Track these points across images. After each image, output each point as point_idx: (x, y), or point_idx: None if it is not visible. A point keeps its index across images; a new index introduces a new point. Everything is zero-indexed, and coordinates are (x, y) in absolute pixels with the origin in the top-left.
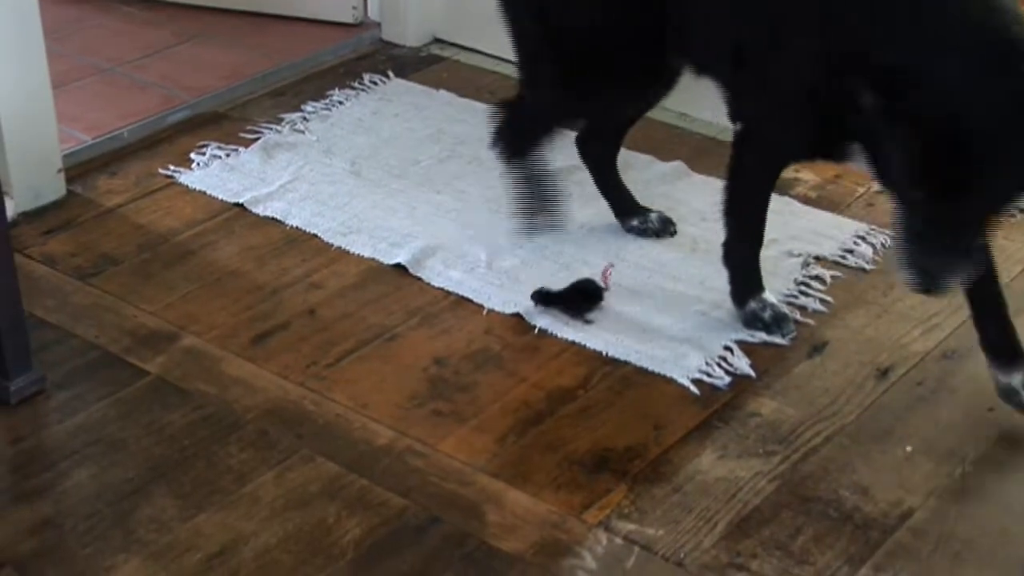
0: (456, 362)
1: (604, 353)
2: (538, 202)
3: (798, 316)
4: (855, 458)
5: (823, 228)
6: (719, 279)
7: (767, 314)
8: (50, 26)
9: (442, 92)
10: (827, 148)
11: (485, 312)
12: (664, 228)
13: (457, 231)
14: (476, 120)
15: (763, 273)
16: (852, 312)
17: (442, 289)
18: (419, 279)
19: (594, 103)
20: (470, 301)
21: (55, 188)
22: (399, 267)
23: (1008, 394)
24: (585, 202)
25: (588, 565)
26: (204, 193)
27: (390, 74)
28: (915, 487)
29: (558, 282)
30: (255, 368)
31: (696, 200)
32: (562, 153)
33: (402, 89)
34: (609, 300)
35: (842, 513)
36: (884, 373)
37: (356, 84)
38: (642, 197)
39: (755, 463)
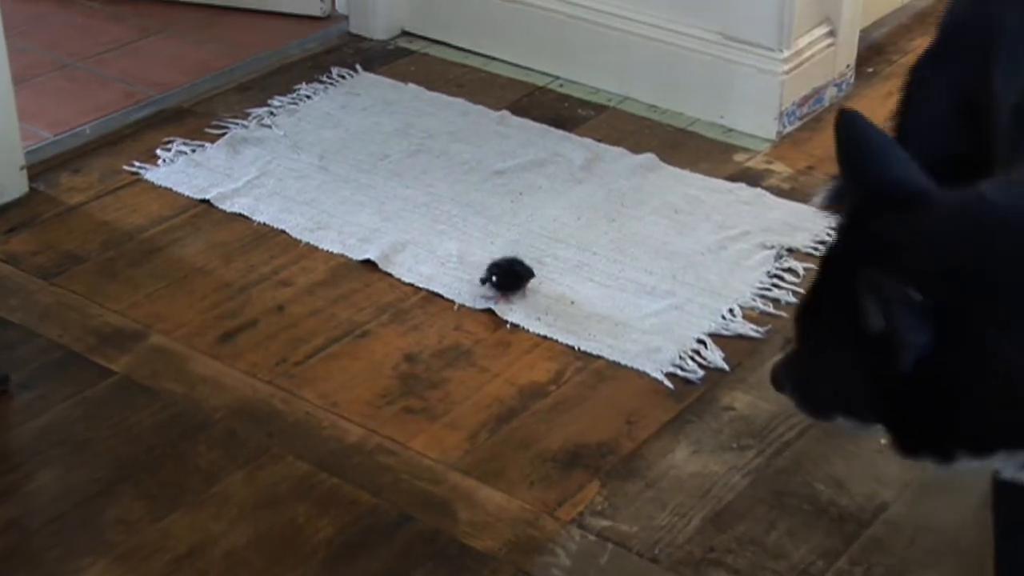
0: (427, 359)
1: (576, 348)
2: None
3: (771, 309)
4: (829, 451)
5: (796, 220)
6: (691, 272)
7: None
8: (10, 21)
9: (411, 86)
10: None
11: (456, 308)
12: None
13: (427, 226)
14: (445, 114)
15: (734, 265)
16: None
17: (412, 285)
18: (389, 275)
19: None
20: (441, 297)
21: (17, 186)
22: (368, 263)
23: None
24: (556, 195)
25: (562, 563)
26: (170, 190)
27: (358, 68)
28: (890, 480)
29: (535, 280)
30: (223, 366)
31: (668, 192)
32: (533, 147)
33: (370, 83)
34: (581, 294)
35: (817, 507)
36: None
37: (324, 78)
38: (612, 191)
39: (729, 457)
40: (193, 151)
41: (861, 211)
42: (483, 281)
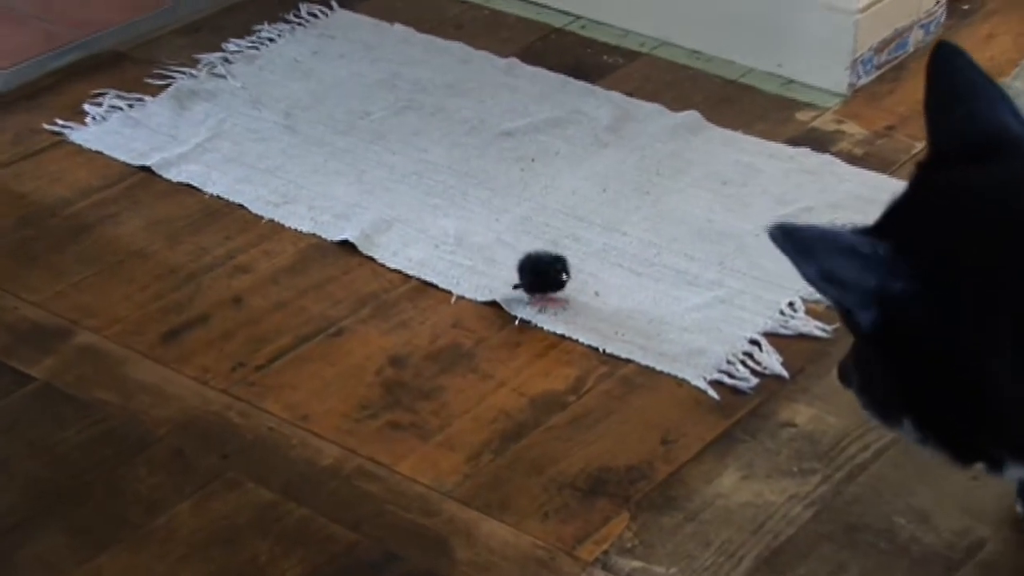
0: (417, 362)
1: (601, 350)
2: None
3: None
4: (912, 477)
5: (872, 193)
6: (742, 258)
7: None
8: None
9: (397, 27)
10: None
11: (453, 300)
12: None
13: (417, 200)
14: (440, 61)
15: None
16: None
17: (399, 272)
18: (371, 259)
19: None
20: (434, 287)
21: None
22: (346, 245)
23: None
24: (576, 162)
25: None
26: (101, 154)
27: (333, 4)
28: (986, 513)
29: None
30: (167, 371)
31: (714, 159)
32: (548, 102)
33: (348, 23)
34: (607, 284)
35: (896, 545)
36: None
37: (290, 16)
38: (646, 157)
39: (789, 484)
40: (130, 106)
41: (929, 166)
42: (523, 288)
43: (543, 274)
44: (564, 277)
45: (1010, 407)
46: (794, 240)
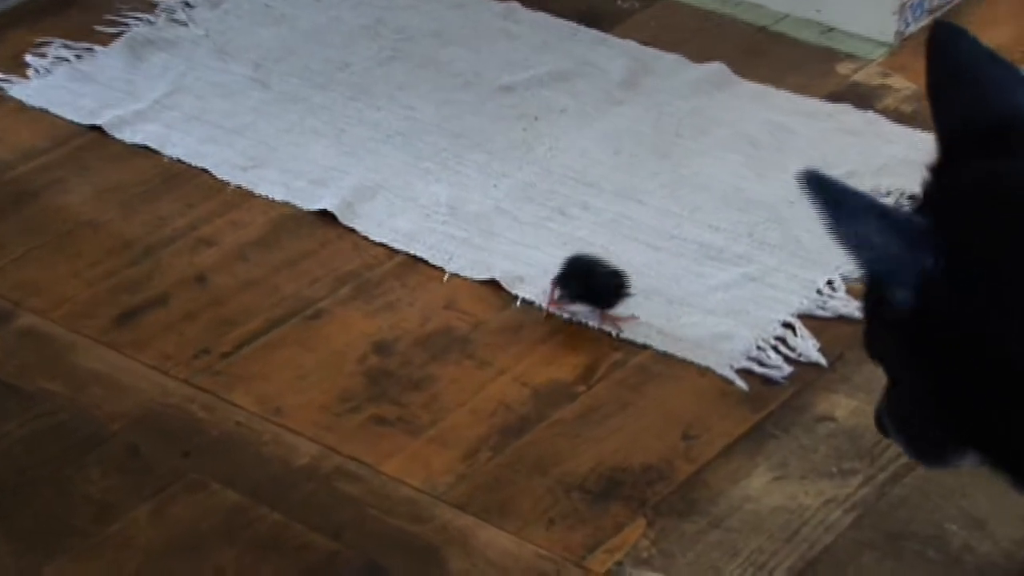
0: (405, 349)
1: (613, 334)
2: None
3: None
4: (965, 479)
5: (922, 156)
6: (775, 230)
7: None
8: None
9: None
10: None
11: (446, 278)
12: None
13: (405, 163)
14: (429, 6)
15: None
16: None
17: (385, 245)
18: (352, 232)
19: None
20: (424, 262)
21: None
22: (324, 215)
23: None
24: (586, 121)
25: None
26: (46, 112)
27: None
28: None
29: (548, 234)
30: (122, 359)
31: (743, 118)
32: (553, 52)
33: None
34: (620, 259)
35: (948, 554)
36: None
37: None
38: (665, 115)
39: (826, 486)
40: (78, 57)
41: (942, 162)
42: (562, 297)
43: (603, 287)
44: (623, 294)
45: None
46: (826, 191)
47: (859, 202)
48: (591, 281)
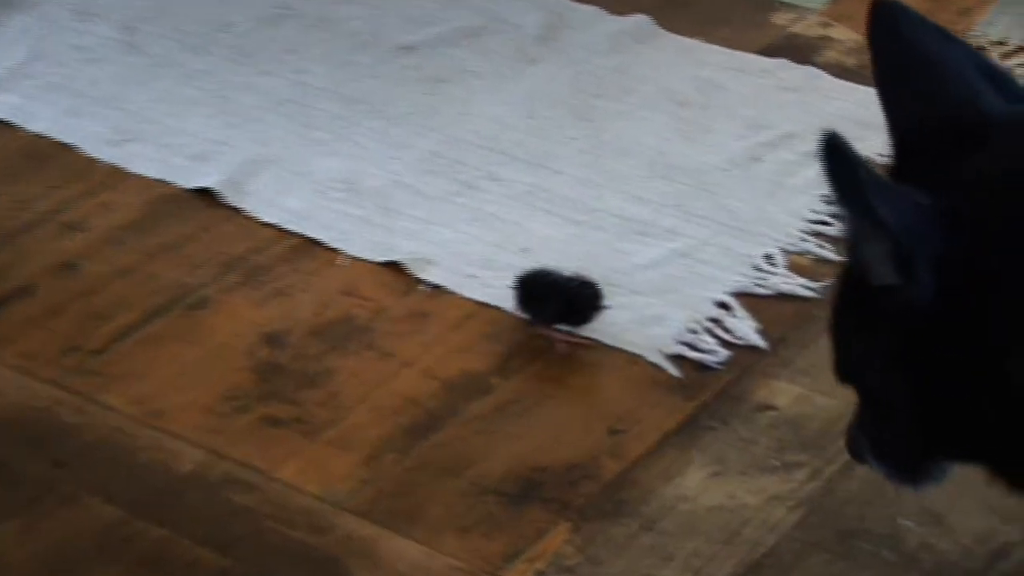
0: (300, 340)
1: (531, 319)
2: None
3: (830, 253)
4: None
5: (868, 113)
6: (706, 200)
7: None
8: None
9: None
10: None
11: (345, 261)
12: None
13: (296, 134)
14: None
15: (774, 186)
16: None
17: (274, 226)
18: (238, 212)
19: None
20: (319, 244)
21: None
22: (206, 194)
23: None
24: (496, 83)
25: None
26: None
27: None
28: (1011, 512)
29: (455, 209)
30: None
31: (669, 75)
32: (460, 7)
33: None
34: (536, 235)
35: (903, 554)
36: None
37: None
38: (583, 73)
39: (769, 482)
40: None
41: (901, 158)
42: (542, 322)
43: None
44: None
45: None
46: (846, 158)
47: (878, 175)
48: (570, 297)
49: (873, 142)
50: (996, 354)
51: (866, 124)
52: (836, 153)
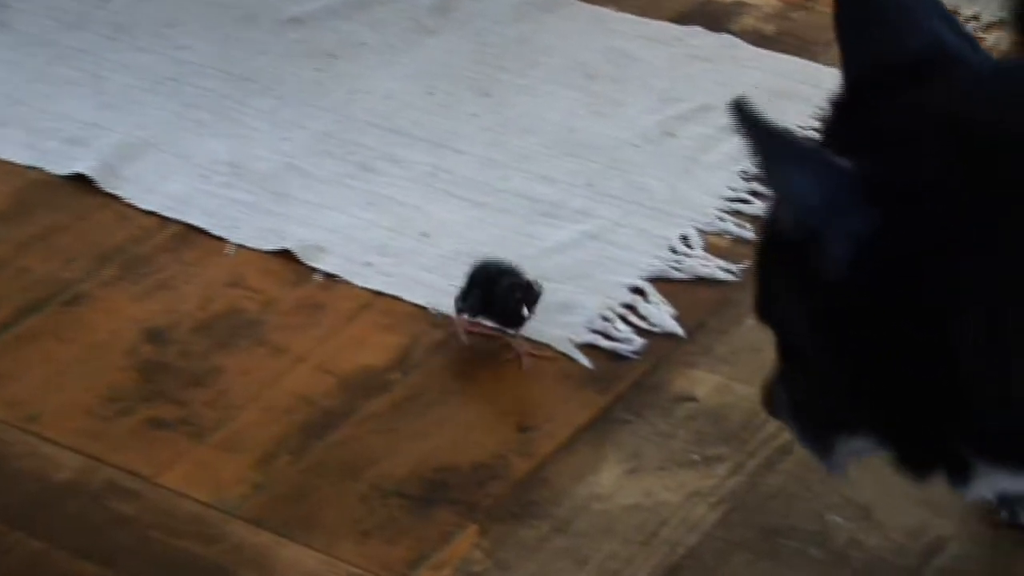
0: (185, 336)
1: (432, 309)
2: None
3: (749, 233)
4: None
5: (787, 83)
6: (617, 178)
7: None
8: None
9: None
10: None
11: (231, 251)
12: None
13: (177, 115)
14: None
15: (689, 163)
16: None
17: (155, 214)
18: (115, 199)
19: None
20: (204, 233)
21: None
22: (80, 180)
23: None
24: (391, 57)
25: None
26: None
27: None
28: (944, 506)
29: (350, 193)
30: None
31: (577, 45)
32: None
33: None
34: (437, 219)
35: (832, 552)
36: None
37: None
38: (485, 45)
39: (688, 477)
40: None
41: (850, 99)
42: (466, 312)
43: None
44: (524, 312)
45: (982, 382)
46: (756, 127)
47: (792, 142)
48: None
49: (792, 113)
50: (931, 320)
51: (785, 94)
52: (745, 120)
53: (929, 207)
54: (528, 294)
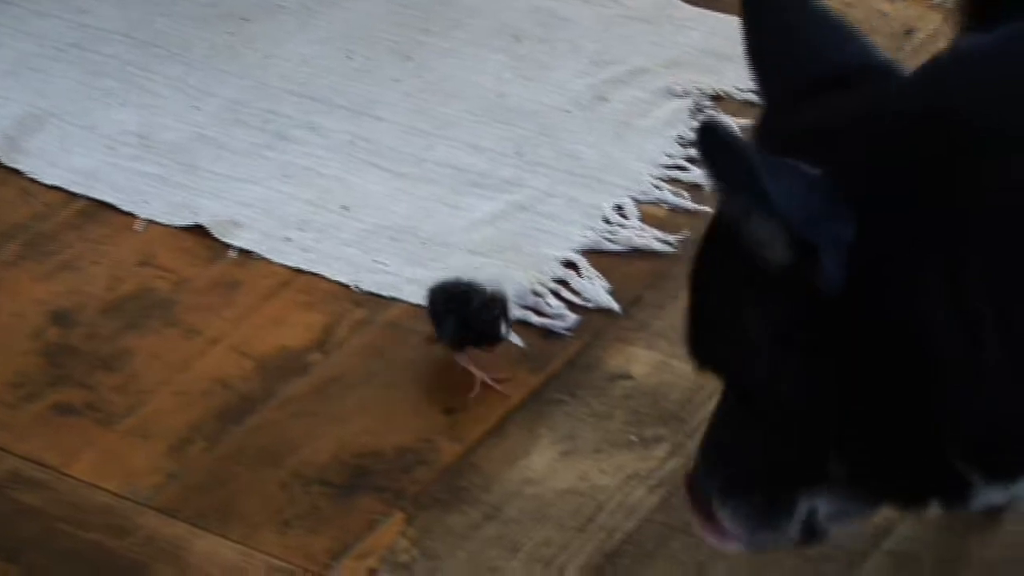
0: (92, 318)
1: (354, 286)
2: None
3: (687, 201)
4: None
5: (726, 45)
6: (548, 145)
7: None
8: None
9: None
10: None
11: (141, 227)
12: None
13: (81, 83)
14: None
15: (622, 128)
16: None
17: (60, 189)
18: (16, 173)
19: None
20: (112, 208)
21: None
22: None
23: None
24: (306, 19)
25: None
26: None
27: None
28: None
29: (265, 164)
30: None
31: (504, 6)
32: None
33: None
34: (358, 191)
35: None
36: None
37: None
38: (406, 6)
39: (626, 460)
40: None
41: (777, 111)
42: (447, 341)
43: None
44: (503, 330)
45: (982, 394)
46: (731, 146)
47: (768, 158)
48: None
49: (730, 74)
50: (916, 328)
51: (722, 55)
52: (717, 140)
53: (904, 211)
54: (502, 306)
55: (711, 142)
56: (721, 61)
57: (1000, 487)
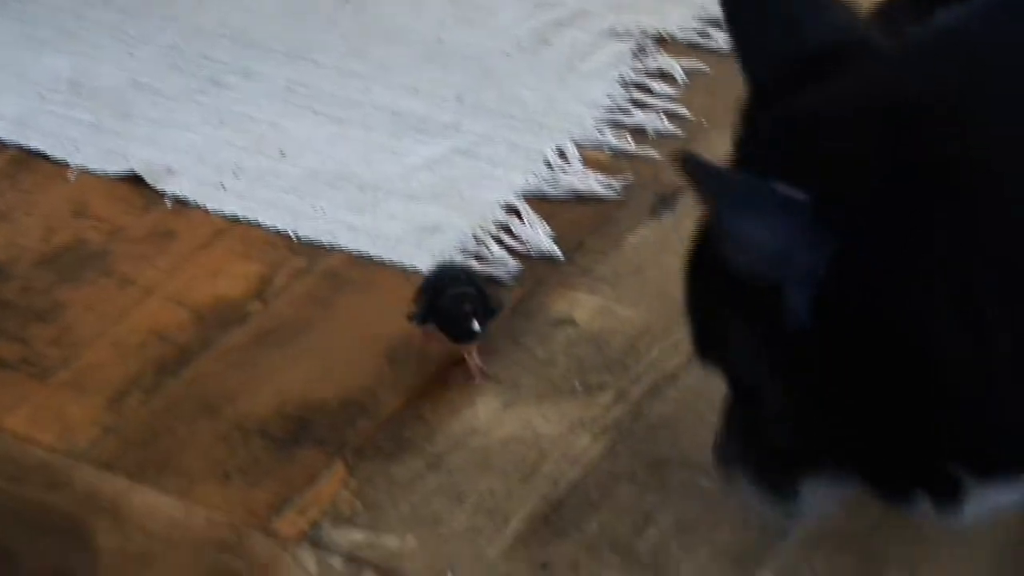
0: (24, 271)
1: (292, 234)
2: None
3: (630, 146)
4: None
5: None
6: (489, 89)
7: None
8: None
9: None
10: None
11: (73, 176)
12: None
13: (10, 30)
14: None
15: (564, 71)
16: (723, 131)
17: None
18: None
19: None
20: (43, 156)
21: None
22: None
23: None
24: None
25: None
26: None
27: None
28: None
29: (200, 110)
30: None
31: None
32: None
33: None
34: (296, 137)
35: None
36: None
37: None
38: None
39: (570, 408)
40: None
41: (760, 99)
42: (415, 320)
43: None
44: (475, 327)
45: (972, 390)
46: (708, 173)
47: (747, 185)
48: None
49: (673, 15)
50: (907, 336)
51: None
52: (696, 170)
53: (885, 224)
54: (481, 306)
55: (690, 168)
56: (664, 2)
57: (992, 488)
